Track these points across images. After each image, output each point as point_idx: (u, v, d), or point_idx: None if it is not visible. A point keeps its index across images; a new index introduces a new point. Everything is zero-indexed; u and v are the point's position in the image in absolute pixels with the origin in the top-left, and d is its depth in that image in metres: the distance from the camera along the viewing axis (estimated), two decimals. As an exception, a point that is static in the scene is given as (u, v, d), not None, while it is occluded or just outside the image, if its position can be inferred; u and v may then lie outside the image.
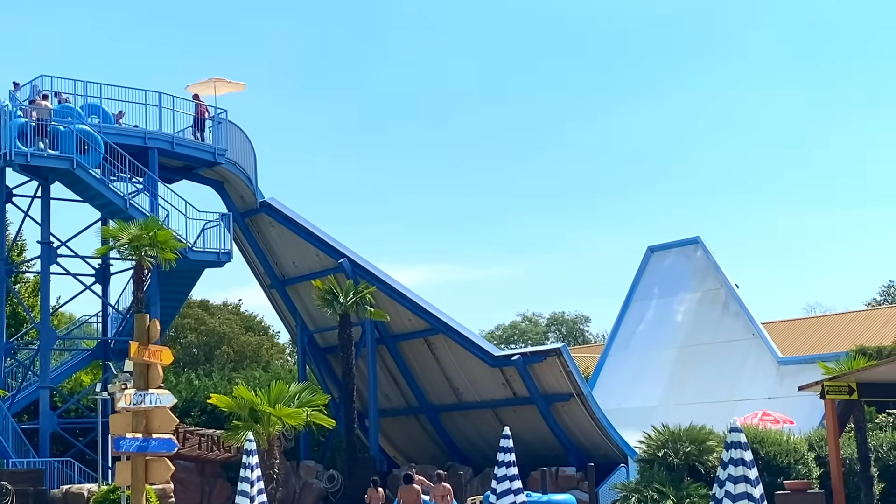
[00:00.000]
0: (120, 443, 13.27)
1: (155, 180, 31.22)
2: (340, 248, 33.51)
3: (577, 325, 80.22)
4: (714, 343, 34.12)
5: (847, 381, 19.82)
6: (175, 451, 13.85)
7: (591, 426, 30.29)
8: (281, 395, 23.38)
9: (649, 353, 35.45)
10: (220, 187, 34.64)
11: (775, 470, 24.95)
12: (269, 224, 34.88)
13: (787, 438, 26.47)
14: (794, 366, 31.69)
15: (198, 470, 29.73)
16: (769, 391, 31.54)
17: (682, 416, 28.12)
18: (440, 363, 33.58)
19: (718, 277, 35.04)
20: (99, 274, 33.61)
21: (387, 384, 34.90)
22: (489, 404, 32.80)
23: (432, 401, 34.65)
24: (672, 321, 35.77)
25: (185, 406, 34.93)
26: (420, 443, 35.73)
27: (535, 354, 31.36)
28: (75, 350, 34.35)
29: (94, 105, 31.68)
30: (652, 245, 37.48)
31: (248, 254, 35.96)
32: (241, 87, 35.20)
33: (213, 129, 33.18)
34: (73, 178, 30.13)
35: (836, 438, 20.03)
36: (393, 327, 33.83)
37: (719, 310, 34.69)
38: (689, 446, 26.76)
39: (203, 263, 32.13)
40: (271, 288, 36.25)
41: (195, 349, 55.53)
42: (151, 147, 31.53)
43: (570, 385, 30.16)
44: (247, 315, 60.03)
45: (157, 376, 14.00)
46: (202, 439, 29.45)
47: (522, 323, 79.23)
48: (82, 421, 32.55)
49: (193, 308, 55.86)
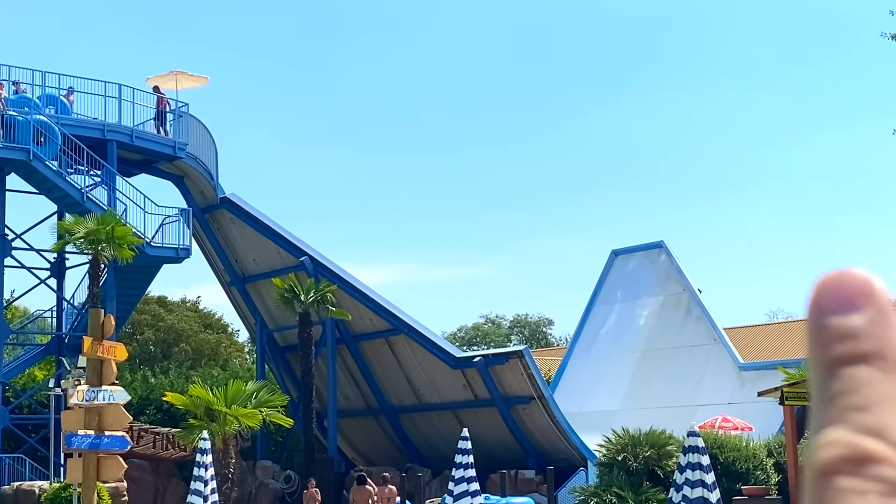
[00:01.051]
0: (72, 439, 12.98)
1: (113, 173, 30.73)
2: (302, 246, 33.17)
3: (540, 328, 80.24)
4: (676, 347, 34.11)
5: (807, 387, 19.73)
6: (128, 448, 13.56)
7: (551, 429, 30.16)
8: (238, 395, 23.05)
9: (611, 356, 35.39)
10: (179, 182, 34.17)
11: (734, 475, 24.94)
12: (230, 220, 34.46)
13: (747, 444, 26.49)
14: (754, 371, 31.73)
15: (152, 468, 29.33)
16: (729, 396, 31.56)
17: (642, 421, 28.08)
18: (401, 364, 33.32)
19: (681, 282, 35.04)
20: (54, 268, 33.06)
21: (346, 384, 34.59)
22: (450, 406, 32.59)
23: (392, 402, 34.38)
24: (635, 325, 35.73)
25: (141, 404, 34.40)
26: (379, 444, 35.45)
27: (496, 356, 31.21)
28: (29, 345, 33.75)
29: (52, 95, 31.14)
30: (616, 248, 37.44)
31: (207, 250, 35.51)
32: (203, 81, 34.73)
33: (174, 123, 32.73)
34: (29, 169, 29.58)
35: (794, 444, 19.97)
36: (354, 327, 33.54)
37: (682, 314, 34.69)
38: (649, 451, 26.72)
39: (161, 259, 31.69)
40: (231, 285, 35.82)
41: (152, 346, 54.88)
42: (110, 140, 31.02)
43: (531, 388, 30.02)
44: (205, 312, 59.42)
45: (111, 373, 13.70)
46: (157, 437, 29.07)
47: (485, 325, 79.13)
48: (35, 417, 31.99)
49: (151, 304, 55.18)
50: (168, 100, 32.82)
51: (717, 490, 9.82)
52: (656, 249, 36.20)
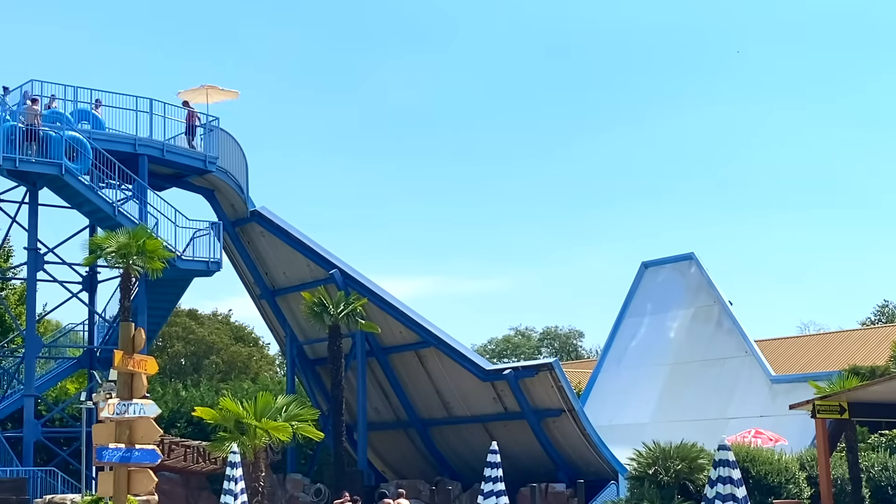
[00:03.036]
0: (103, 453, 13.03)
1: (144, 187, 30.94)
2: (331, 259, 33.25)
3: (571, 340, 79.98)
4: (706, 360, 33.89)
5: (838, 400, 19.61)
6: (158, 462, 13.58)
7: (581, 442, 30.04)
8: (267, 408, 23.07)
9: (641, 369, 35.22)
10: (210, 195, 34.37)
11: (766, 489, 24.72)
12: (260, 233, 34.61)
13: (779, 457, 26.24)
14: (786, 384, 31.47)
15: (183, 482, 29.44)
16: (761, 409, 31.31)
17: (673, 434, 27.88)
18: (431, 376, 33.30)
19: (712, 294, 34.83)
20: (86, 281, 33.28)
21: (376, 397, 34.60)
22: (480, 419, 32.53)
23: (422, 414, 34.35)
24: (665, 337, 35.55)
25: (172, 417, 34.60)
26: (409, 457, 35.43)
27: (526, 369, 31.13)
28: (61, 358, 33.98)
29: (86, 110, 31.41)
30: (646, 260, 37.29)
31: (237, 263, 35.68)
32: (233, 95, 34.95)
33: (205, 137, 32.93)
34: (61, 184, 29.86)
35: (826, 458, 19.79)
36: (383, 339, 33.56)
37: (712, 327, 34.48)
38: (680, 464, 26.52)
39: (192, 272, 31.85)
40: (261, 298, 35.96)
41: (183, 359, 55.17)
42: (141, 154, 31.25)
43: (561, 400, 29.93)
44: (236, 325, 59.70)
45: (142, 386, 13.75)
46: (188, 451, 29.16)
47: (515, 337, 78.97)
48: (67, 430, 32.19)
49: (182, 317, 55.52)
50: (198, 114, 33.05)
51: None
52: (687, 261, 36.02)
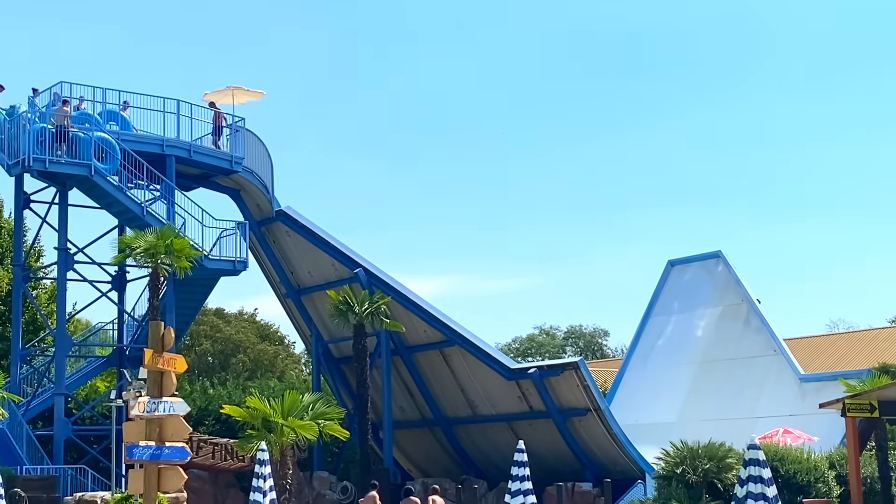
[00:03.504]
0: (133, 451, 13.12)
1: (172, 188, 31.15)
2: (356, 258, 33.33)
3: (596, 339, 79.81)
4: (734, 359, 33.72)
5: (868, 398, 19.49)
6: (188, 459, 13.67)
7: (608, 441, 29.97)
8: (294, 406, 23.18)
9: (668, 368, 35.08)
10: (236, 195, 34.54)
11: (795, 488, 24.60)
12: (286, 233, 34.75)
13: (808, 456, 26.09)
14: (815, 383, 31.27)
15: (211, 479, 29.58)
16: (790, 408, 31.14)
17: (701, 433, 27.76)
18: (455, 375, 33.33)
19: (740, 292, 34.65)
20: (115, 281, 33.54)
21: (401, 396, 34.66)
22: (505, 418, 32.52)
23: (447, 413, 34.39)
24: (692, 336, 35.40)
25: (200, 415, 34.80)
26: (434, 455, 35.47)
27: (551, 368, 31.08)
28: (91, 357, 34.26)
29: (113, 112, 31.65)
30: (672, 259, 37.14)
31: (263, 262, 35.84)
32: (259, 96, 35.11)
33: (231, 138, 33.12)
34: (90, 184, 30.10)
35: (856, 457, 19.68)
36: (408, 338, 33.61)
37: (740, 325, 34.30)
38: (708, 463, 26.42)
39: (219, 272, 32.04)
40: (286, 297, 36.10)
41: (210, 357, 55.48)
42: (169, 154, 31.47)
43: (587, 399, 29.87)
44: (263, 324, 59.96)
45: (171, 384, 13.84)
46: (216, 448, 29.30)
47: (540, 336, 78.88)
48: (97, 428, 32.45)
49: (209, 316, 55.84)
50: (224, 115, 33.23)
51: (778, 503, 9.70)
52: (714, 259, 35.85)
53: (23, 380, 31.32)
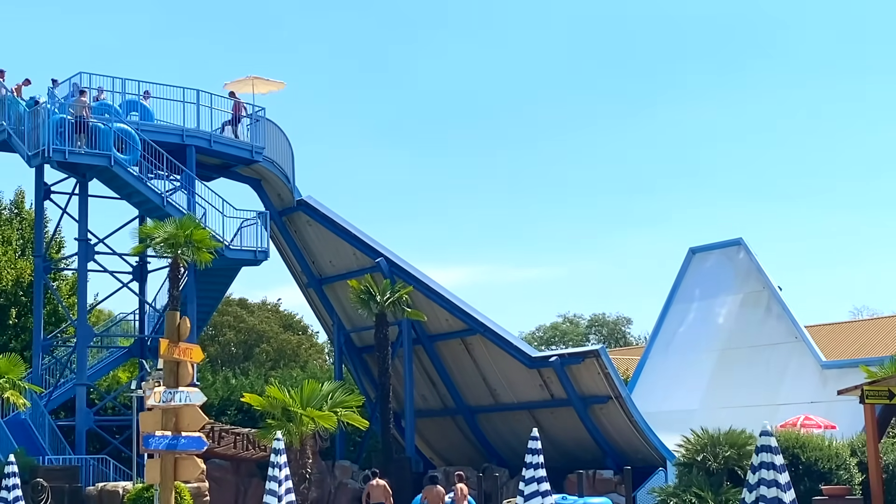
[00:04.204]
0: (149, 440, 13.17)
1: (192, 178, 31.22)
2: (377, 248, 33.34)
3: (619, 327, 79.62)
4: (756, 346, 33.54)
5: (888, 385, 19.31)
6: (205, 449, 13.70)
7: (629, 429, 29.91)
8: (313, 395, 23.22)
9: (690, 355, 34.94)
10: (257, 185, 34.61)
11: (816, 475, 24.43)
12: (307, 223, 34.79)
13: (829, 443, 25.90)
14: (837, 370, 31.06)
15: (233, 469, 29.69)
16: (812, 395, 30.95)
17: (722, 420, 27.63)
18: (477, 364, 33.32)
19: (761, 279, 34.45)
20: (136, 271, 33.69)
21: (423, 384, 34.69)
22: (526, 406, 32.50)
23: (469, 402, 34.39)
24: (713, 323, 35.24)
25: (222, 405, 34.93)
26: (456, 444, 35.50)
27: (572, 356, 31.04)
28: (112, 347, 34.44)
29: (134, 101, 31.74)
30: (693, 246, 36.96)
31: (285, 252, 35.90)
32: (280, 86, 35.14)
33: (251, 127, 33.16)
34: (110, 175, 30.21)
35: (875, 443, 19.52)
36: (430, 327, 33.62)
37: (762, 312, 34.10)
38: (729, 450, 26.29)
39: (240, 262, 32.12)
40: (308, 287, 36.17)
41: (234, 347, 55.68)
42: (189, 144, 31.53)
43: (608, 387, 29.81)
44: (286, 314, 60.11)
45: (188, 374, 13.87)
46: (237, 438, 29.39)
47: (563, 324, 78.78)
48: (119, 418, 32.64)
49: (232, 306, 56.03)
50: (244, 104, 33.27)
51: (791, 490, 9.63)
52: (735, 247, 35.65)
53: (45, 370, 31.51)
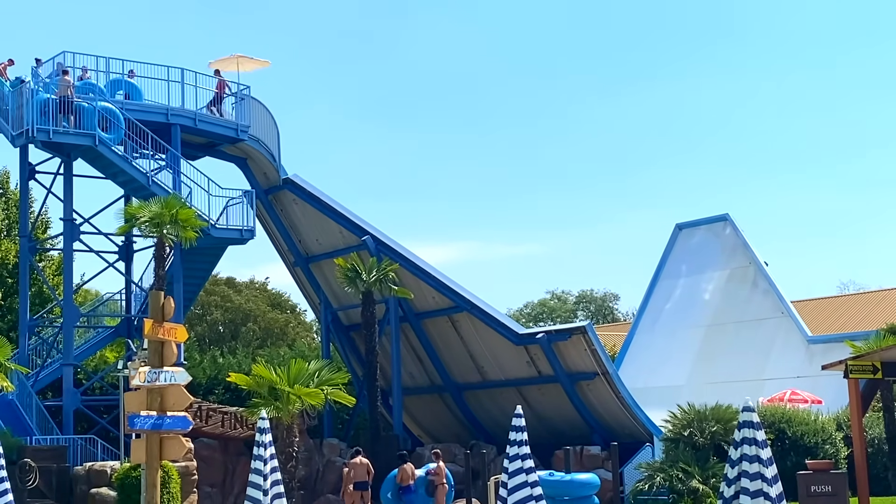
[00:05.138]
0: (134, 420, 13.13)
1: (177, 157, 31.08)
2: (364, 226, 33.30)
3: (607, 303, 79.81)
4: (742, 321, 33.71)
5: (871, 360, 19.39)
6: (190, 428, 13.67)
7: (616, 405, 30.01)
8: (301, 374, 23.23)
9: (677, 331, 35.10)
10: (243, 164, 34.49)
11: (802, 450, 24.63)
12: (293, 201, 34.71)
13: (815, 418, 26.10)
14: (823, 345, 31.25)
15: (221, 447, 29.71)
16: (798, 370, 31.16)
17: (708, 396, 27.83)
18: (464, 341, 33.36)
19: (747, 255, 34.59)
20: (122, 251, 33.56)
21: (411, 362, 34.73)
22: (514, 383, 32.58)
23: (456, 379, 34.46)
24: (700, 299, 35.38)
25: (209, 384, 34.92)
26: (444, 421, 35.58)
27: (559, 332, 31.09)
28: (99, 327, 34.36)
29: (120, 80, 31.55)
30: (680, 222, 37.05)
31: (271, 231, 35.83)
32: (265, 64, 34.99)
33: (236, 106, 33.00)
34: (95, 154, 30.04)
35: (858, 418, 19.62)
36: (417, 305, 33.62)
37: (748, 288, 34.26)
38: (716, 426, 26.47)
39: (226, 241, 32.01)
40: (295, 265, 36.12)
41: (221, 326, 55.63)
42: (174, 123, 31.35)
43: (595, 364, 29.89)
44: (273, 293, 60.06)
45: (172, 354, 13.82)
46: (225, 417, 29.39)
47: (551, 301, 78.91)
48: (106, 398, 32.58)
49: (220, 285, 55.94)
50: (228, 83, 33.09)
51: (773, 466, 9.67)
52: (721, 222, 35.77)
53: (31, 351, 31.41)
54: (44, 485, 25.97)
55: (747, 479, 9.48)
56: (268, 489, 12.86)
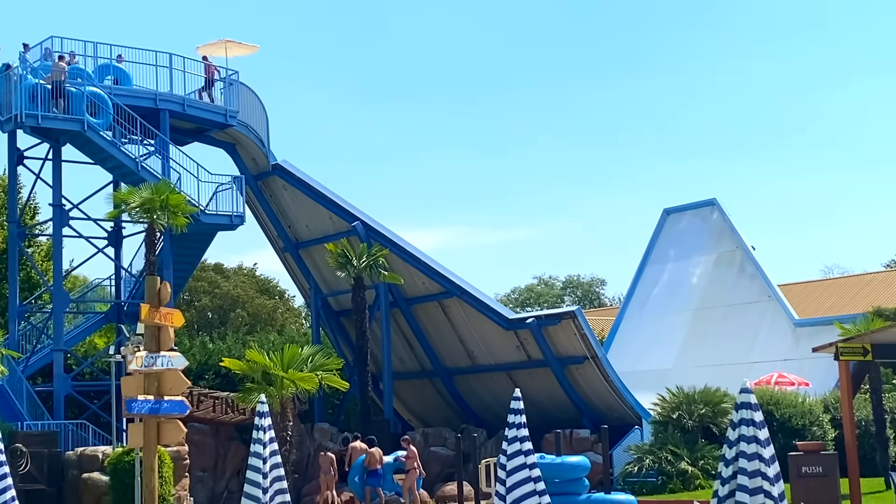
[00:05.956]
0: (132, 405, 13.20)
1: (166, 142, 31.05)
2: (354, 211, 33.34)
3: (593, 288, 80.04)
4: (730, 305, 33.94)
5: (861, 342, 19.62)
6: (187, 413, 13.75)
7: (605, 389, 30.22)
8: (294, 359, 23.32)
9: (665, 315, 35.30)
10: (232, 150, 34.45)
11: (790, 432, 24.90)
12: (282, 187, 34.72)
13: (803, 400, 26.37)
14: (810, 328, 31.52)
15: (212, 432, 29.80)
16: (785, 353, 31.41)
17: (696, 379, 28.07)
18: (454, 326, 33.49)
19: (734, 239, 34.80)
20: (112, 237, 33.54)
21: (401, 347, 34.85)
22: (503, 367, 32.74)
23: (446, 364, 34.60)
24: (687, 284, 35.59)
25: (200, 369, 34.96)
26: (434, 405, 35.74)
27: (549, 317, 31.25)
28: (89, 313, 34.34)
29: (108, 65, 31.45)
30: (668, 207, 37.23)
31: (261, 217, 35.83)
32: (253, 50, 34.89)
33: (225, 91, 32.96)
34: (83, 140, 29.99)
35: (849, 400, 19.86)
36: (407, 290, 33.72)
37: (735, 272, 34.49)
38: (704, 408, 26.75)
39: (215, 227, 32.01)
40: (284, 251, 36.15)
41: (209, 312, 55.59)
42: (163, 109, 31.29)
43: (584, 347, 30.07)
44: (262, 279, 60.03)
45: (169, 339, 13.89)
46: (216, 402, 29.48)
47: (538, 286, 79.09)
48: (96, 384, 32.60)
49: (208, 271, 55.86)
50: (216, 68, 33.04)
51: (770, 446, 9.83)
52: (708, 207, 35.96)
53: (21, 336, 31.39)
54: (35, 470, 26.03)
55: (745, 459, 9.62)
56: (267, 472, 12.94)
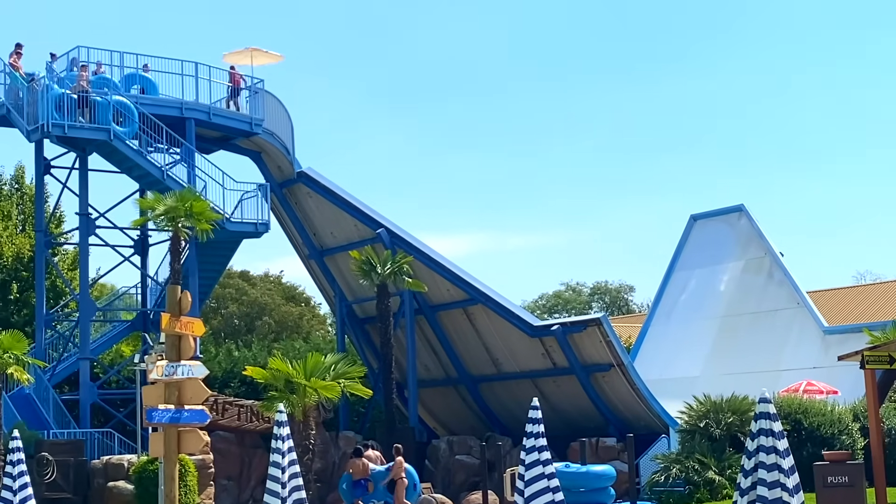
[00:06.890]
0: (152, 414, 13.19)
1: (192, 151, 31.15)
2: (378, 218, 33.32)
3: (621, 295, 79.65)
4: (758, 312, 33.61)
5: (888, 350, 19.31)
6: (208, 422, 13.72)
7: (631, 397, 30.00)
8: (317, 367, 23.26)
9: (692, 322, 35.01)
10: (257, 158, 34.54)
11: (819, 440, 24.57)
12: (307, 194, 34.75)
13: (832, 409, 26.01)
14: (839, 335, 31.11)
15: (237, 440, 29.76)
16: (814, 361, 31.05)
17: (724, 387, 27.77)
18: (479, 333, 33.37)
19: (763, 245, 34.48)
20: (138, 245, 33.68)
21: (426, 355, 34.77)
22: (529, 375, 32.59)
23: (471, 371, 34.48)
24: (715, 290, 35.28)
25: (225, 377, 35.01)
26: (459, 413, 35.62)
27: (574, 324, 31.08)
28: (115, 321, 34.49)
29: (135, 74, 31.63)
30: (695, 213, 36.95)
31: (286, 224, 35.89)
32: (278, 58, 34.95)
33: (250, 99, 33.05)
34: (110, 149, 30.13)
35: (875, 408, 19.56)
36: (431, 298, 33.64)
37: (763, 279, 34.15)
38: (732, 417, 26.43)
39: (241, 234, 32.10)
40: (310, 258, 36.19)
41: (236, 320, 55.76)
42: (188, 117, 31.42)
43: (610, 355, 29.87)
44: (288, 286, 60.16)
45: (189, 348, 13.87)
46: (241, 410, 29.44)
47: (566, 292, 78.82)
48: (122, 392, 32.73)
49: (234, 279, 56.07)
50: (241, 76, 33.13)
51: (790, 457, 9.65)
52: (736, 213, 35.65)
53: (48, 345, 31.56)
54: (61, 478, 26.13)
55: (764, 469, 9.46)
56: (286, 482, 12.90)
